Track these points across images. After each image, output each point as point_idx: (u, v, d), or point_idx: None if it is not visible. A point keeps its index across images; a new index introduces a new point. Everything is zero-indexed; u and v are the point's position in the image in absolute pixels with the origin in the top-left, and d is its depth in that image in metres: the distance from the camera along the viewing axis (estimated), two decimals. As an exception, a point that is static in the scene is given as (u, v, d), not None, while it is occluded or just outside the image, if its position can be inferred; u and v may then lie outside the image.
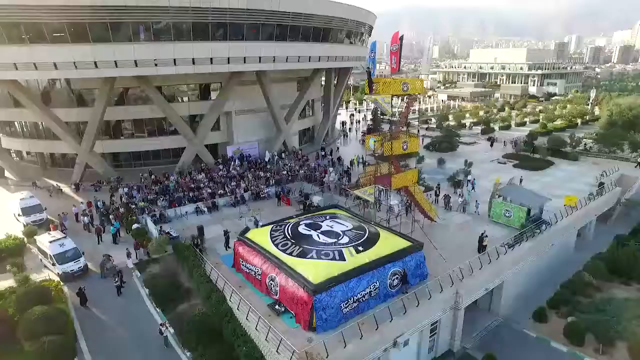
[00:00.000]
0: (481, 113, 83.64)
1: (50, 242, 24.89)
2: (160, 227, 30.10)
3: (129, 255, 25.48)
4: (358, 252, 21.20)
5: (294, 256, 21.06)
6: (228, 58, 38.71)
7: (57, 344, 18.04)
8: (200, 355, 19.27)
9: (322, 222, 24.19)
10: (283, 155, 50.02)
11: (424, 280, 22.74)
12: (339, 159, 49.12)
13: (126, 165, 46.64)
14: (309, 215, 26.83)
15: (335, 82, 61.73)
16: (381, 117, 25.89)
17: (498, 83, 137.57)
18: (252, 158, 47.63)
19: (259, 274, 22.09)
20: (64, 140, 40.93)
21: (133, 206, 33.35)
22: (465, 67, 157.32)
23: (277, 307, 20.75)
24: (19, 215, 31.60)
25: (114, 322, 21.65)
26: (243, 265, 23.60)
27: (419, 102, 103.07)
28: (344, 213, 27.16)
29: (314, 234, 22.64)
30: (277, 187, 38.87)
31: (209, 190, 37.55)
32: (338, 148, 58.51)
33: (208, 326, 20.48)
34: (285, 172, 42.54)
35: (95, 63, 34.62)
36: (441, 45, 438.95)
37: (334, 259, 20.58)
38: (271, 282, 21.22)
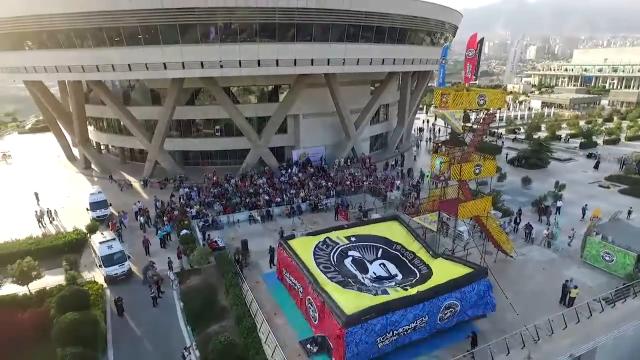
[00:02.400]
0: (581, 123, 72.85)
1: (100, 242, 25.18)
2: (208, 234, 29.36)
3: (170, 265, 24.81)
4: (405, 289, 18.14)
5: (334, 282, 18.74)
6: (295, 60, 37.14)
7: (77, 356, 17.53)
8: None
9: (371, 261, 21.32)
10: (349, 162, 47.56)
11: (491, 311, 18.99)
12: (409, 170, 45.16)
13: (195, 164, 47.71)
14: (361, 231, 23.95)
15: (414, 85, 57.68)
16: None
17: (607, 88, 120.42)
18: (317, 163, 45.81)
19: (300, 291, 20.05)
20: (136, 136, 42.69)
21: (189, 209, 33.21)
22: (566, 70, 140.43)
23: (309, 345, 18.44)
24: (87, 209, 33.11)
25: (145, 335, 20.94)
26: (287, 276, 21.77)
27: (507, 108, 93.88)
28: (403, 231, 23.78)
29: (359, 275, 19.98)
30: (338, 198, 36.39)
31: (266, 197, 36.33)
32: (415, 157, 53.86)
33: (233, 355, 18.74)
34: (348, 183, 39.93)
35: (164, 64, 35.19)
36: (540, 44, 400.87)
37: (376, 294, 17.95)
38: (310, 305, 19.06)
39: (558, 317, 19.69)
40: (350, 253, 21.88)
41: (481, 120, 21.61)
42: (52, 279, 24.42)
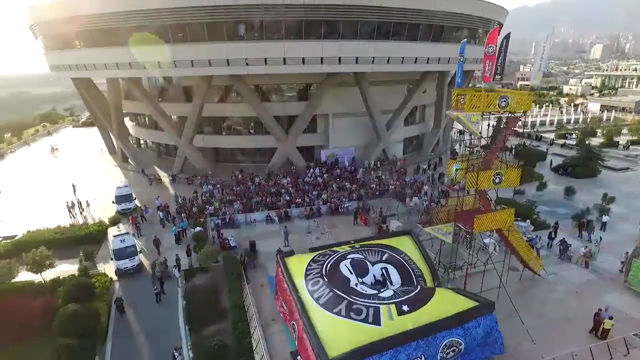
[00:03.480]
0: (647, 129, 65.90)
1: (114, 236, 25.73)
2: (221, 233, 29.20)
3: (178, 262, 24.79)
4: (401, 313, 16.34)
5: (320, 304, 17.23)
6: (321, 58, 36.17)
7: (73, 348, 17.76)
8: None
9: (373, 263, 19.83)
10: (379, 164, 46.00)
11: (499, 353, 16.85)
12: (440, 175, 42.80)
13: (226, 161, 48.05)
14: (370, 242, 22.54)
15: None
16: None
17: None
18: (345, 164, 44.66)
19: (287, 312, 19.05)
20: (167, 132, 43.72)
21: (208, 206, 33.34)
22: (635, 70, 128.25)
23: (299, 357, 17.43)
24: (112, 202, 34.22)
25: (145, 330, 20.96)
26: (278, 294, 20.82)
27: (563, 111, 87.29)
28: (413, 248, 22.09)
29: (352, 279, 18.51)
30: (360, 202, 35.05)
31: (287, 198, 35.77)
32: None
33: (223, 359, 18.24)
34: (374, 186, 38.46)
35: (191, 62, 35.59)
36: (608, 42, 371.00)
37: (365, 320, 16.09)
38: (293, 327, 17.98)
39: (584, 352, 17.30)
40: (350, 256, 20.47)
41: (502, 125, 19.55)
42: (68, 269, 25.26)
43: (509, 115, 19.10)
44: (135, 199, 35.08)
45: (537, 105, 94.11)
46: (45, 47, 45.62)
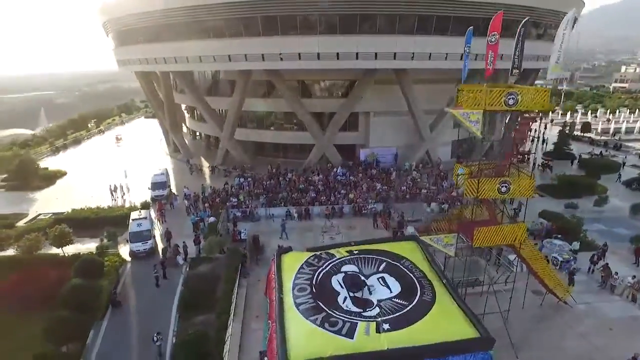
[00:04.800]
0: None
1: (133, 220, 27.13)
2: (235, 225, 29.46)
3: (185, 250, 25.41)
4: (380, 331, 14.87)
5: (299, 310, 16.32)
6: (356, 54, 35.00)
7: (65, 320, 18.87)
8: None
9: (368, 275, 18.38)
10: (420, 166, 43.55)
11: None
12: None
13: (268, 156, 48.58)
14: (370, 247, 21.08)
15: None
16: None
17: None
18: (387, 165, 42.95)
19: (269, 310, 18.45)
20: (209, 124, 45.40)
21: (232, 198, 33.92)
22: None
23: (265, 359, 16.78)
24: (148, 188, 36.27)
25: (140, 312, 21.80)
26: (267, 291, 20.29)
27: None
28: (417, 251, 20.20)
29: (343, 293, 17.20)
30: (385, 204, 33.35)
31: (313, 195, 35.20)
32: None
33: (200, 349, 18.17)
34: (404, 188, 36.43)
35: (229, 57, 36.40)
36: None
37: (339, 332, 14.87)
38: (269, 327, 17.32)
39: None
40: (344, 268, 19.19)
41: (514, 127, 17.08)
42: (92, 246, 27.14)
43: (523, 114, 16.61)
44: (169, 186, 36.77)
45: (629, 110, 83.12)
46: (114, 43, 49.73)
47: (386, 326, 14.96)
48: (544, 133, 58.55)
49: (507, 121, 48.11)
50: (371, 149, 44.61)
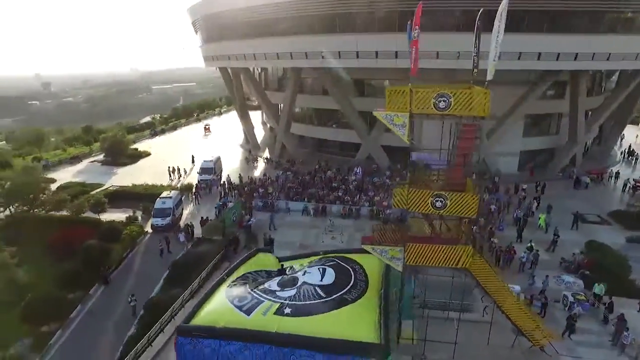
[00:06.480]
0: None
1: (160, 197, 30.77)
2: (250, 213, 31.19)
3: (190, 230, 27.99)
4: (279, 314, 14.95)
5: (226, 289, 17.30)
6: (396, 52, 33.72)
7: (71, 271, 22.87)
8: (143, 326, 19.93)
9: (306, 272, 18.32)
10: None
11: None
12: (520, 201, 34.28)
13: (328, 152, 48.87)
14: (336, 255, 20.72)
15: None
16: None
17: None
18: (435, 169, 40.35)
19: None
20: (268, 118, 48.03)
21: (261, 189, 35.80)
22: None
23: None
24: (197, 172, 40.32)
25: (139, 275, 25.15)
26: None
27: None
28: (378, 264, 19.12)
29: (273, 287, 17.43)
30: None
31: (339, 194, 35.19)
32: (587, 185, 38.34)
33: (161, 310, 20.32)
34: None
35: (290, 54, 38.19)
36: None
37: (240, 307, 15.40)
38: None
39: None
40: (303, 274, 19.23)
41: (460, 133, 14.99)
42: (124, 216, 31.39)
43: (461, 119, 14.61)
44: (215, 173, 40.22)
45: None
46: (202, 40, 55.44)
47: (287, 310, 15.09)
48: None
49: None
50: (420, 153, 42.13)
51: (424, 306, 20.39)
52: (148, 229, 30.02)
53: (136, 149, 53.82)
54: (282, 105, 50.51)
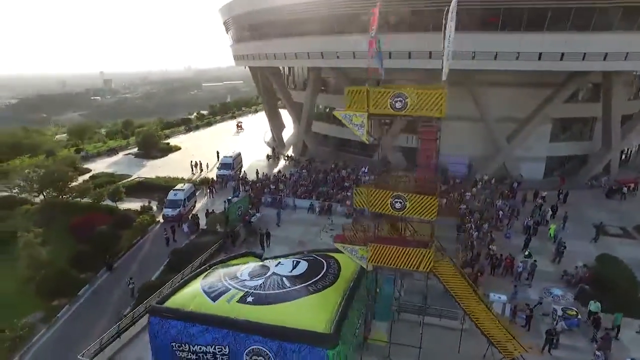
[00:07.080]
0: None
1: (172, 190, 32.54)
2: (256, 209, 32.16)
3: (195, 221, 29.41)
4: (242, 302, 15.81)
5: (203, 279, 18.33)
6: (409, 52, 33.35)
7: (84, 253, 24.99)
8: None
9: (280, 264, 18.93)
10: (493, 180, 38.35)
11: None
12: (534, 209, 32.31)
13: (350, 152, 48.98)
14: (318, 252, 21.13)
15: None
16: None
17: None
18: (458, 175, 39.30)
19: None
20: (291, 116, 48.92)
21: (271, 185, 36.72)
22: None
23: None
24: (217, 167, 42.00)
25: (144, 261, 26.94)
26: None
27: None
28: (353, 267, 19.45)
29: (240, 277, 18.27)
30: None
31: (348, 193, 35.30)
32: (624, 195, 35.78)
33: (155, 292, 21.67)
34: (445, 200, 33.06)
35: (321, 54, 38.52)
36: None
37: (208, 294, 16.51)
38: None
39: None
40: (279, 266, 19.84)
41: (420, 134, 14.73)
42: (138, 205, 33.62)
43: (423, 120, 14.39)
44: (233, 168, 41.67)
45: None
46: (233, 39, 57.28)
47: (250, 299, 15.95)
48: None
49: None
50: (441, 156, 41.14)
51: (400, 309, 20.48)
52: (160, 218, 31.87)
53: (167, 144, 56.79)
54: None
